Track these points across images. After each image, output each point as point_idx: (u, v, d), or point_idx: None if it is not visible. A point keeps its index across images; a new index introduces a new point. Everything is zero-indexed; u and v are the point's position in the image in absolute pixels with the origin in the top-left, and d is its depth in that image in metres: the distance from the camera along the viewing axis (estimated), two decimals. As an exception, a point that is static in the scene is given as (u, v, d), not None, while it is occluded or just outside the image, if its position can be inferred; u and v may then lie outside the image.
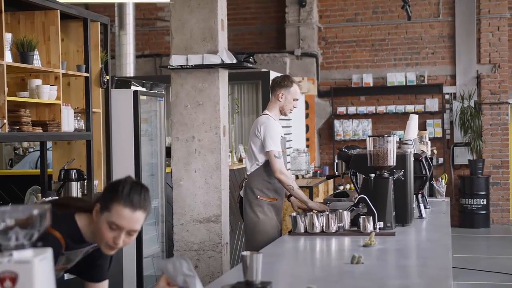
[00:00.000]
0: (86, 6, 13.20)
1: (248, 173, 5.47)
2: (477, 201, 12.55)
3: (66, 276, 5.03)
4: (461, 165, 13.02)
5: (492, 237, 12.10)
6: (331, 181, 11.39)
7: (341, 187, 10.37)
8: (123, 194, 2.71)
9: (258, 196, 5.37)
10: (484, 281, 8.39)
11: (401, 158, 4.71)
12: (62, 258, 2.83)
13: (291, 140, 10.60)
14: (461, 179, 12.79)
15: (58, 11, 5.42)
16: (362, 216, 4.39)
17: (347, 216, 4.49)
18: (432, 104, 12.99)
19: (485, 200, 12.58)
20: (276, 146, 5.25)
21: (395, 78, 13.10)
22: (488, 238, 12.07)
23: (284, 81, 5.46)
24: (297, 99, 5.46)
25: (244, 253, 2.84)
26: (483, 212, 12.59)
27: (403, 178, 4.70)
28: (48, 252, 1.85)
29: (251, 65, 5.89)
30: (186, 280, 2.44)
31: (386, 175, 4.56)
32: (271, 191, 5.38)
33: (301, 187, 9.17)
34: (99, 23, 6.09)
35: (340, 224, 4.44)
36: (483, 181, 12.62)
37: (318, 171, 11.07)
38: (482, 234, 12.23)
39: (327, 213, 4.49)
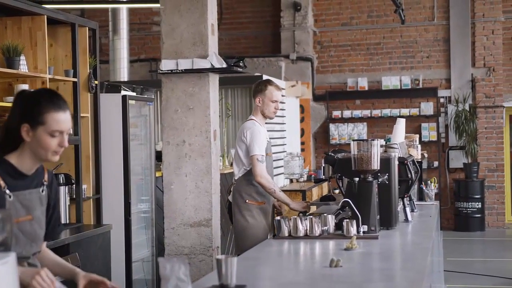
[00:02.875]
0: (82, 11, 13.25)
1: (235, 178, 5.51)
2: (472, 204, 12.55)
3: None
4: (456, 169, 13.03)
5: (487, 240, 12.09)
6: (325, 185, 11.38)
7: (337, 191, 10.35)
8: (50, 103, 2.81)
9: (247, 201, 5.41)
10: (478, 285, 8.39)
11: (386, 162, 4.72)
12: (14, 202, 2.82)
13: (285, 144, 10.60)
14: (456, 182, 12.80)
15: (45, 16, 5.43)
16: (345, 220, 4.40)
17: (331, 220, 4.50)
18: (427, 107, 12.99)
19: (480, 203, 12.58)
20: (260, 151, 5.31)
21: (390, 81, 13.11)
22: (483, 241, 12.07)
23: (259, 86, 5.55)
24: (275, 101, 5.50)
25: (219, 257, 2.87)
26: (478, 215, 12.59)
27: (387, 182, 4.71)
28: (11, 256, 1.86)
29: (241, 70, 5.89)
30: (178, 285, 2.44)
31: (370, 178, 4.57)
32: (259, 195, 5.43)
33: (294, 191, 9.28)
34: (87, 28, 6.11)
35: (325, 227, 4.45)
36: (478, 185, 12.63)
37: (313, 175, 11.05)
38: (477, 237, 12.23)
39: (311, 217, 4.50)
